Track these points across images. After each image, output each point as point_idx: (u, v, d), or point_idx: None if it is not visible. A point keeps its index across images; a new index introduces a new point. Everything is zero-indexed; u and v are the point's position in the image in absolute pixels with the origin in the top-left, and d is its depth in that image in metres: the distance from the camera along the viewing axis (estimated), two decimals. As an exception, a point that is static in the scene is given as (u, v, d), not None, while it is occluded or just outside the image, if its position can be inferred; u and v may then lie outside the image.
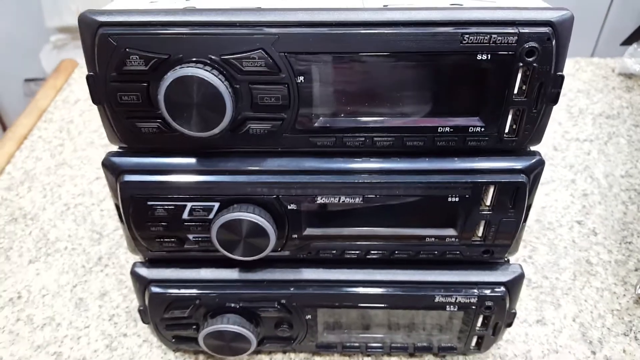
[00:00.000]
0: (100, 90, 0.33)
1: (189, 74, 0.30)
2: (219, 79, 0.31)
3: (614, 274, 0.52)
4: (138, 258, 0.42)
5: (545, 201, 0.60)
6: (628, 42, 0.81)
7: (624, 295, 0.51)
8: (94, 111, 0.77)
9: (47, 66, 1.92)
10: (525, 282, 0.51)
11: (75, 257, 0.56)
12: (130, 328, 0.49)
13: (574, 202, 0.60)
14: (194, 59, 0.31)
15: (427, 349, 0.45)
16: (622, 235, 0.56)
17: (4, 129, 2.32)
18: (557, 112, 0.73)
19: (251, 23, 0.31)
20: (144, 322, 0.44)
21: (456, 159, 0.35)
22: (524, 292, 0.51)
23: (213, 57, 0.31)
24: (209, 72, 0.31)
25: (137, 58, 0.32)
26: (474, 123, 0.34)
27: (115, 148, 0.38)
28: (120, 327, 0.50)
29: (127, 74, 0.32)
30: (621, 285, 0.51)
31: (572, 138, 0.69)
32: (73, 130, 0.74)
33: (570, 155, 0.66)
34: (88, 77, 0.33)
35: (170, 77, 0.31)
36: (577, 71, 0.81)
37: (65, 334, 0.49)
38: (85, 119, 0.76)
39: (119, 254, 0.56)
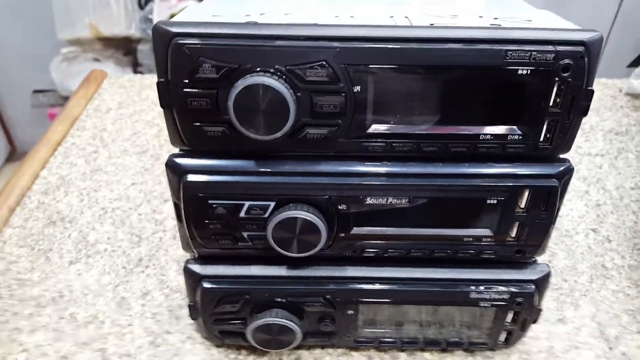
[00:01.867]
0: (170, 95, 0.36)
1: (258, 82, 0.34)
2: (285, 87, 0.34)
3: (627, 278, 0.56)
4: (180, 257, 0.45)
5: (562, 210, 0.63)
6: (634, 64, 0.86)
7: (637, 296, 0.54)
8: (125, 120, 0.81)
9: (56, 78, 1.95)
10: (547, 284, 0.55)
11: (115, 259, 0.59)
12: (173, 325, 0.52)
13: (588, 212, 0.63)
14: (262, 69, 0.35)
15: (459, 344, 0.47)
16: (634, 242, 0.60)
17: (10, 139, 2.35)
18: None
19: (315, 37, 0.34)
20: (192, 318, 0.46)
21: (495, 164, 0.39)
22: (546, 293, 0.54)
23: (279, 67, 0.35)
24: (276, 80, 0.34)
25: (209, 67, 0.35)
26: (513, 131, 0.37)
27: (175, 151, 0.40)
28: (163, 325, 0.52)
29: (198, 81, 0.35)
30: (634, 287, 0.55)
31: (584, 153, 0.73)
32: (106, 138, 0.77)
33: (583, 168, 0.70)
34: (159, 83, 0.36)
35: (240, 84, 0.34)
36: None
37: (109, 332, 0.51)
38: (117, 128, 0.79)
39: (159, 256, 0.59)
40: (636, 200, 0.65)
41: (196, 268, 0.44)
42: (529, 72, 0.35)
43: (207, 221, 0.40)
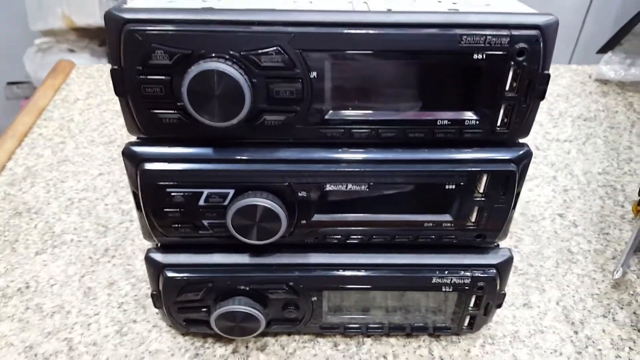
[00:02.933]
0: (124, 83, 0.35)
1: (212, 68, 0.33)
2: (239, 72, 0.34)
3: (593, 262, 0.56)
4: (147, 247, 0.44)
5: (529, 196, 0.64)
6: (603, 50, 0.86)
7: (603, 280, 0.55)
8: (93, 109, 0.79)
9: (30, 69, 1.91)
10: (512, 269, 0.55)
11: (82, 249, 0.58)
12: (140, 315, 0.51)
13: (555, 197, 0.64)
14: (216, 55, 0.34)
15: (423, 329, 0.48)
16: (600, 226, 0.60)
17: (-14, 132, 2.30)
18: (539, 115, 0.77)
19: (270, 22, 0.34)
20: (156, 306, 0.46)
21: (453, 149, 0.39)
22: (511, 278, 0.55)
23: (233, 52, 0.34)
24: (230, 66, 0.34)
25: (161, 53, 0.34)
26: (469, 116, 0.37)
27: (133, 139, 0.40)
28: (129, 314, 0.51)
29: (151, 68, 0.34)
30: (600, 271, 0.55)
31: (553, 138, 0.74)
32: (74, 129, 0.75)
33: (551, 154, 0.71)
34: (112, 71, 0.36)
35: (194, 70, 0.33)
36: (556, 77, 0.86)
37: (75, 321, 0.51)
38: (85, 118, 0.78)
39: (125, 246, 0.58)
40: (603, 185, 0.66)
41: (158, 257, 0.43)
42: (484, 56, 0.35)
43: (166, 210, 0.40)
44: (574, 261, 0.57)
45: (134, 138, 0.39)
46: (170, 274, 0.43)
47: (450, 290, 0.44)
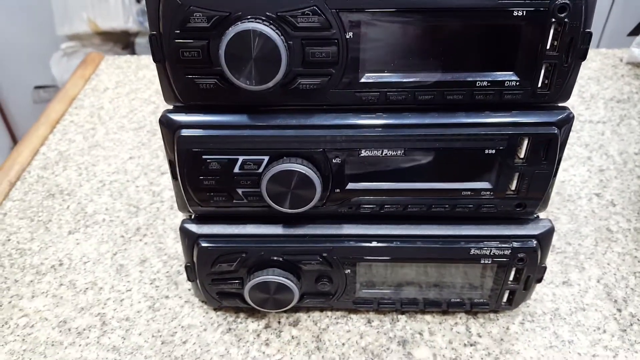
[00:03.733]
0: (163, 48, 0.36)
1: (249, 29, 0.33)
2: (276, 33, 0.34)
3: (634, 240, 0.55)
4: (178, 226, 0.44)
5: (564, 176, 0.62)
6: (635, 32, 0.84)
7: (645, 258, 0.53)
8: (122, 98, 0.81)
9: (57, 73, 1.96)
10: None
11: (113, 228, 0.59)
12: (172, 291, 0.51)
13: (591, 177, 0.62)
14: (252, 16, 0.34)
15: (460, 305, 0.47)
16: (640, 205, 0.59)
17: (12, 135, 2.36)
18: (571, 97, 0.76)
19: (306, -18, 0.34)
20: (189, 279, 0.46)
21: (492, 112, 0.38)
22: (549, 257, 0.53)
23: (270, 14, 0.34)
24: (267, 27, 0.33)
25: (200, 15, 0.34)
26: (510, 77, 0.36)
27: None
28: (161, 290, 0.52)
29: (189, 31, 0.34)
30: (641, 250, 0.54)
31: (585, 120, 0.72)
32: (104, 116, 0.76)
33: (585, 135, 0.69)
34: (151, 36, 0.36)
35: (231, 31, 0.33)
36: (586, 61, 0.84)
37: (108, 297, 0.51)
38: (115, 106, 0.79)
39: (157, 225, 0.59)
40: (640, 165, 0.64)
41: (192, 227, 0.43)
42: (524, 13, 0.34)
43: (201, 177, 0.40)
44: (613, 240, 0.55)
45: (169, 111, 0.39)
46: (204, 244, 0.43)
47: (490, 262, 0.43)
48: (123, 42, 1.98)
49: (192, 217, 0.44)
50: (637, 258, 0.53)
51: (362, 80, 0.37)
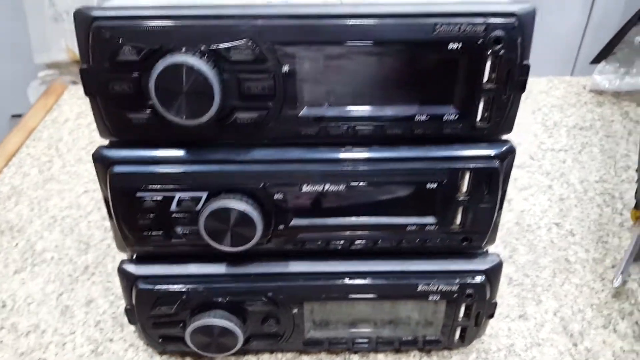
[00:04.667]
0: (93, 82, 0.35)
1: (180, 61, 0.32)
2: (208, 66, 0.33)
3: (592, 271, 0.54)
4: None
5: (524, 205, 0.62)
6: (597, 60, 0.85)
7: (602, 290, 0.52)
8: (83, 129, 0.79)
9: (34, 101, 1.94)
10: (506, 280, 0.53)
11: (61, 267, 0.56)
12: (117, 333, 0.49)
13: (551, 206, 0.62)
14: (184, 49, 0.33)
15: (413, 343, 0.45)
16: (599, 235, 0.58)
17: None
18: (533, 125, 0.76)
19: (238, 15, 0.33)
20: (130, 322, 0.44)
21: (433, 146, 0.37)
22: (506, 289, 0.52)
23: (202, 47, 0.33)
24: (198, 60, 0.33)
25: (129, 49, 0.33)
26: (448, 111, 0.36)
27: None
28: (106, 333, 0.49)
29: (119, 65, 0.34)
30: (599, 281, 0.53)
31: (547, 148, 0.72)
32: (62, 148, 0.75)
33: (546, 163, 0.69)
34: (81, 70, 0.35)
35: (161, 64, 0.32)
36: (550, 89, 0.85)
37: (50, 341, 0.49)
38: (74, 137, 0.77)
39: (106, 263, 0.56)
40: (601, 193, 0.64)
41: (131, 268, 0.42)
42: (460, 45, 0.34)
43: (137, 216, 0.38)
44: (571, 271, 0.54)
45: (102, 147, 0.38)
46: (143, 286, 0.41)
47: (438, 298, 0.42)
48: (101, 71, 1.97)
49: (132, 257, 0.43)
50: (594, 289, 0.52)
51: (301, 114, 0.36)
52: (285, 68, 0.34)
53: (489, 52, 0.34)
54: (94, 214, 0.63)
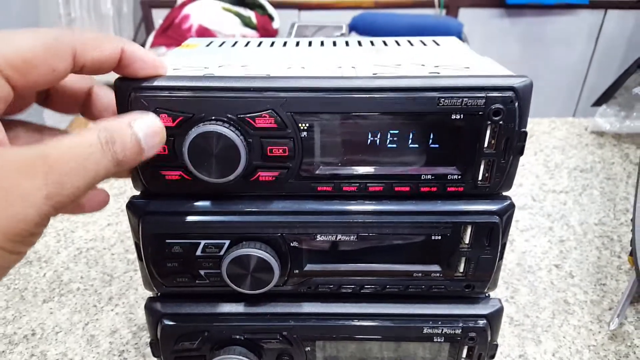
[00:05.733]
0: (131, 142, 0.38)
1: (211, 130, 0.36)
2: (235, 133, 0.37)
3: (590, 313, 0.57)
4: (148, 295, 0.46)
5: (526, 247, 0.65)
6: (598, 103, 0.89)
7: (599, 332, 0.55)
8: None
9: (50, 125, 2.00)
10: (507, 320, 0.56)
11: (87, 297, 0.60)
12: (139, 363, 0.52)
13: (552, 248, 0.65)
14: (214, 117, 0.37)
15: (417, 381, 0.48)
16: (597, 277, 0.61)
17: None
18: (535, 166, 0.79)
19: (263, 88, 0.37)
20: (154, 355, 0.47)
21: (438, 202, 0.41)
22: (507, 329, 0.55)
23: (230, 115, 0.37)
24: (227, 128, 0.36)
25: (165, 116, 0.37)
26: (452, 171, 0.39)
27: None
28: (129, 363, 0.53)
29: (156, 129, 0.38)
30: (597, 322, 0.55)
31: (549, 190, 0.75)
32: (86, 180, 0.79)
33: (547, 205, 0.72)
34: (121, 130, 0.39)
35: (194, 132, 0.36)
36: (552, 130, 0.88)
37: (76, 370, 0.52)
38: (98, 170, 0.81)
39: (129, 295, 0.60)
40: (600, 235, 0.67)
41: (157, 306, 0.45)
42: (461, 116, 0.37)
43: (165, 260, 0.42)
44: (570, 312, 0.57)
45: (135, 197, 0.42)
46: (167, 323, 0.45)
47: (442, 340, 0.45)
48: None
49: (157, 294, 0.46)
50: (592, 331, 0.55)
51: (317, 172, 0.40)
52: (304, 134, 0.38)
53: (488, 122, 0.37)
54: (117, 247, 0.67)
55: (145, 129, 0.34)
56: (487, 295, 0.46)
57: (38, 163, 0.28)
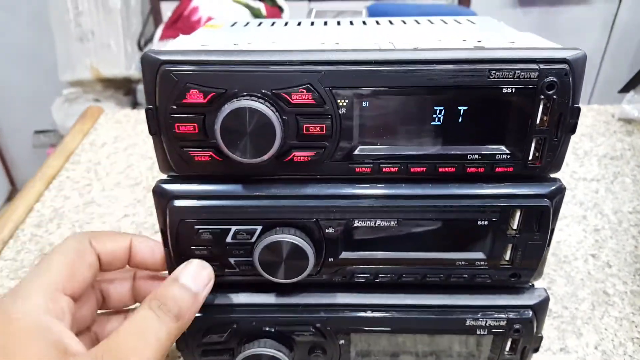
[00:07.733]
0: (158, 122, 0.36)
1: (245, 106, 0.34)
2: (271, 110, 0.34)
3: (630, 304, 0.54)
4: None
5: (560, 236, 0.62)
6: (625, 89, 0.86)
7: (643, 324, 0.52)
8: (120, 153, 0.81)
9: (57, 118, 1.98)
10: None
11: (105, 290, 0.58)
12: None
13: (586, 237, 0.62)
14: (248, 93, 0.35)
15: (457, 375, 0.45)
16: (635, 267, 0.58)
17: (10, 179, 2.36)
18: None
19: (300, 62, 0.35)
20: (178, 349, 0.45)
21: (484, 184, 0.38)
22: (546, 321, 0.52)
23: (265, 91, 0.35)
24: (262, 104, 0.34)
25: (196, 92, 0.35)
26: (500, 151, 0.37)
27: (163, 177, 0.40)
28: (151, 358, 0.50)
29: (185, 107, 0.35)
30: (639, 314, 0.53)
31: (580, 178, 0.72)
32: (100, 172, 0.77)
33: (579, 193, 0.69)
34: (147, 110, 0.36)
35: (227, 108, 0.34)
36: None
37: None
38: (111, 161, 0.79)
39: (149, 287, 0.58)
40: (635, 224, 0.64)
41: (183, 297, 0.43)
42: (513, 90, 0.35)
43: (193, 247, 0.40)
44: (610, 303, 0.54)
45: (159, 177, 0.40)
46: (196, 314, 0.42)
47: (485, 333, 0.42)
48: (125, 88, 2.02)
49: (184, 285, 0.44)
50: (634, 323, 0.52)
51: (356, 152, 0.37)
52: (342, 110, 0.36)
53: (541, 97, 0.35)
54: (134, 238, 0.64)
55: (193, 274, 0.38)
56: (531, 284, 0.44)
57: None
